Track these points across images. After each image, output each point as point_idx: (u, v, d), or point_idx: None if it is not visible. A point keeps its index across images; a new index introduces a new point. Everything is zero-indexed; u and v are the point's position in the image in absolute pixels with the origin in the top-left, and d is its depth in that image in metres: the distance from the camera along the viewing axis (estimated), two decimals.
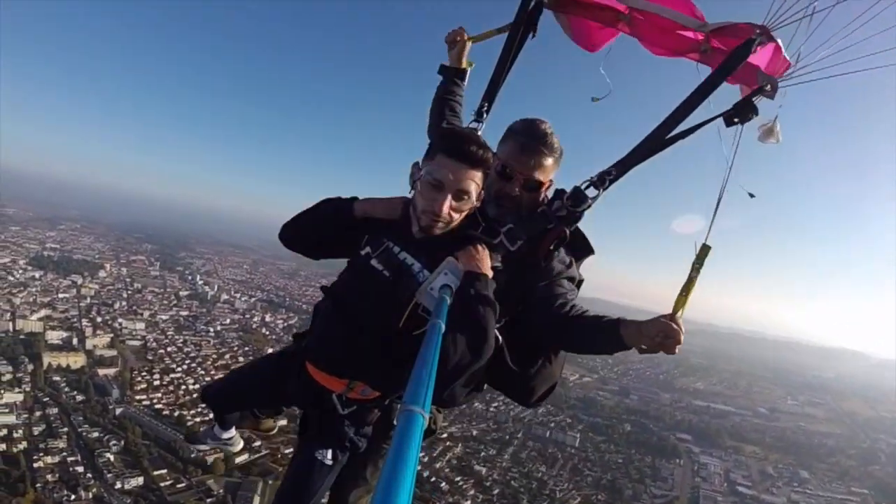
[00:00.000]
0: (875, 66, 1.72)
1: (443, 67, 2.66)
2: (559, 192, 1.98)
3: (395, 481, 0.54)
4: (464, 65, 2.66)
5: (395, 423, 1.83)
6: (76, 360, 53.73)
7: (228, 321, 75.58)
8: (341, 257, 2.12)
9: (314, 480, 2.16)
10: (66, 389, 49.28)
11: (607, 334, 1.66)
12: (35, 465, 37.82)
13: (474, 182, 1.74)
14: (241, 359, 59.74)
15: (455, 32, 2.61)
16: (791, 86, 1.88)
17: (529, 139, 1.98)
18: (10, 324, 55.66)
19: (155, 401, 51.73)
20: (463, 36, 2.59)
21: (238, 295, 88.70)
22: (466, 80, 2.68)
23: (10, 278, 67.73)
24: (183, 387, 54.54)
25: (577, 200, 1.90)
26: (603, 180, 1.90)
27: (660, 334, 1.54)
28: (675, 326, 1.52)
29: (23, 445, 39.99)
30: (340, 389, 2.01)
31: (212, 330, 71.14)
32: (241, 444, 3.46)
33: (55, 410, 45.29)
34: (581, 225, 2.02)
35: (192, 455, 40.87)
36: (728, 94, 1.98)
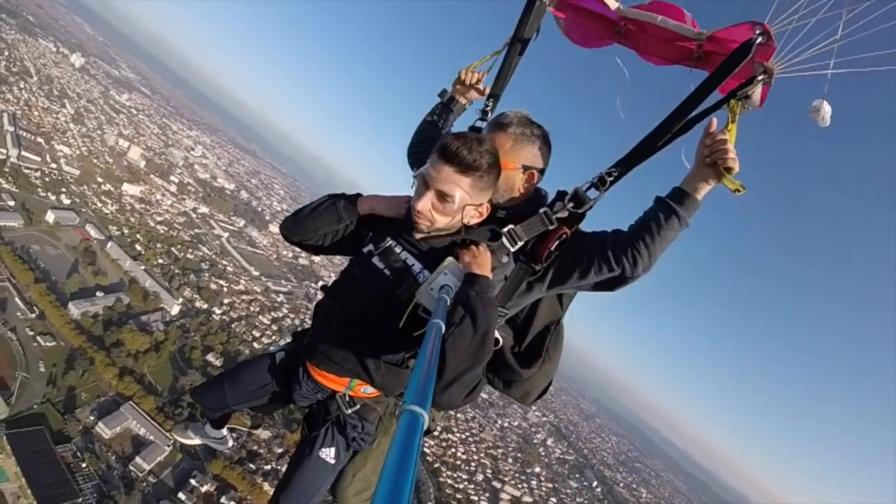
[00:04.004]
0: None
1: (444, 92, 2.63)
2: (560, 194, 1.98)
3: (395, 481, 0.54)
4: (465, 102, 2.64)
5: (395, 422, 1.83)
6: None
7: (506, 423, 72.83)
8: (343, 254, 2.11)
9: (316, 478, 2.18)
10: None
11: (673, 199, 1.81)
12: None
13: (458, 187, 1.71)
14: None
15: (467, 79, 2.53)
16: (790, 76, 1.74)
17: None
18: None
19: None
20: (474, 79, 2.52)
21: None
22: (462, 115, 2.67)
23: None
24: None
25: (577, 202, 1.89)
26: (604, 181, 1.87)
27: (709, 151, 1.72)
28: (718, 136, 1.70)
29: None
30: (342, 389, 2.03)
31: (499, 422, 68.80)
32: (231, 443, 3.33)
33: None
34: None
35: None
36: None
